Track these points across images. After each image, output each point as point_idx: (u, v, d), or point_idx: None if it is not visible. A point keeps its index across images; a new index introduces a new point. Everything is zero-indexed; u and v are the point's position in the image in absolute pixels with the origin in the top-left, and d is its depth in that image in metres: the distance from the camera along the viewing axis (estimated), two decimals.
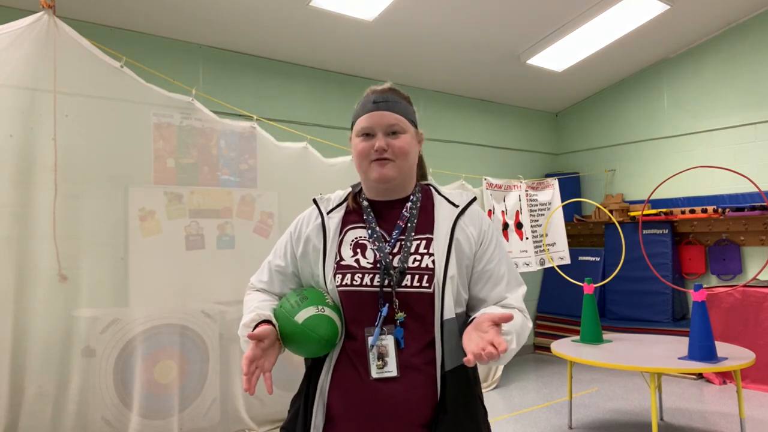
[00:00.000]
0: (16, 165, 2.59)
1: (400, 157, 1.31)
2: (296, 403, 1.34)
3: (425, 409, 1.22)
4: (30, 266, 2.62)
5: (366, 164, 1.32)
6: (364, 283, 1.26)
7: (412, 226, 1.31)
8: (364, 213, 1.35)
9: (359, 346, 1.25)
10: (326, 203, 1.40)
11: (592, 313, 3.81)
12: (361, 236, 1.32)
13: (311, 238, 1.36)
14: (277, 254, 1.42)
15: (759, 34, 5.09)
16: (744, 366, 3.10)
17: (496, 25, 4.67)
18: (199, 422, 3.14)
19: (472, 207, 1.37)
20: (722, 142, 5.35)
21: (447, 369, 1.23)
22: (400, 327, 1.24)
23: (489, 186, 4.97)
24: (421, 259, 1.27)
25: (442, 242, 1.28)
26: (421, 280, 1.25)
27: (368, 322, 1.25)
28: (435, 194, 1.39)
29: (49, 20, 2.65)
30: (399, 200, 1.36)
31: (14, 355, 2.57)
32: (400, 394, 1.21)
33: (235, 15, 3.97)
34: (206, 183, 3.26)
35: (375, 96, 1.35)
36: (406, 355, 1.23)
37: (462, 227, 1.32)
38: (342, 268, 1.29)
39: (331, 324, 1.25)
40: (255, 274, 1.45)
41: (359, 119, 1.35)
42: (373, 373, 1.22)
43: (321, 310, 1.25)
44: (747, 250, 5.18)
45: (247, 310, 1.33)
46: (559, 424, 3.87)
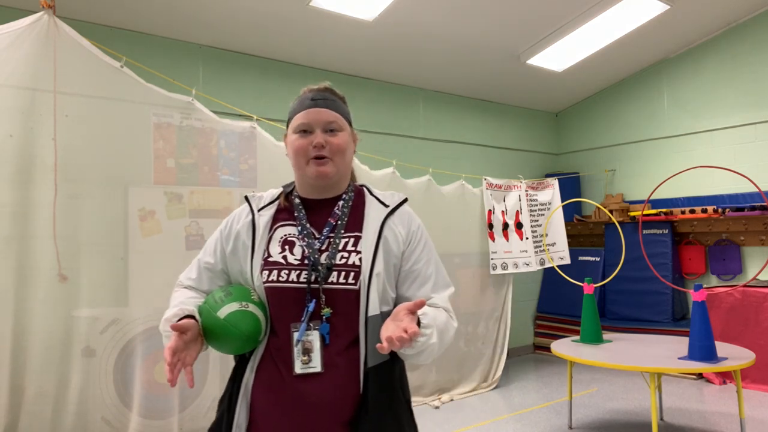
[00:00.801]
0: (16, 165, 2.59)
1: (338, 154, 1.32)
2: (222, 404, 1.33)
3: (347, 408, 1.23)
4: (30, 266, 2.62)
5: (303, 162, 1.32)
6: (291, 279, 1.27)
7: (342, 224, 1.33)
8: (295, 210, 1.36)
9: (283, 343, 1.26)
10: (258, 201, 1.41)
11: (592, 313, 3.81)
12: (290, 233, 1.33)
13: (241, 234, 1.36)
14: (206, 252, 1.42)
15: (759, 34, 5.09)
16: (744, 366, 3.10)
17: (496, 25, 4.67)
18: (199, 422, 3.14)
19: (403, 207, 1.39)
20: (722, 142, 5.35)
21: (369, 366, 1.24)
22: (326, 323, 1.24)
23: (489, 186, 4.97)
24: (348, 256, 1.28)
25: (370, 240, 1.30)
26: (347, 277, 1.26)
27: (294, 318, 1.26)
28: (367, 194, 1.41)
29: (49, 20, 2.65)
30: (331, 199, 1.37)
31: (14, 355, 2.57)
32: (323, 391, 1.22)
33: (235, 15, 3.97)
34: (206, 183, 3.26)
35: (313, 94, 1.35)
36: (330, 351, 1.24)
37: (391, 226, 1.34)
38: (269, 265, 1.30)
39: (253, 320, 1.24)
40: (184, 272, 1.44)
41: (297, 116, 1.34)
42: (297, 369, 1.22)
43: (244, 305, 1.24)
44: (747, 250, 5.18)
45: (171, 306, 1.33)
46: (559, 424, 3.87)
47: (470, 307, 4.78)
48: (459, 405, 4.39)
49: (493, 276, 4.91)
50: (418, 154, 5.36)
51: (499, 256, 4.92)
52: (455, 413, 4.17)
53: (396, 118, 5.32)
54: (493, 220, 4.93)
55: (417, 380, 4.42)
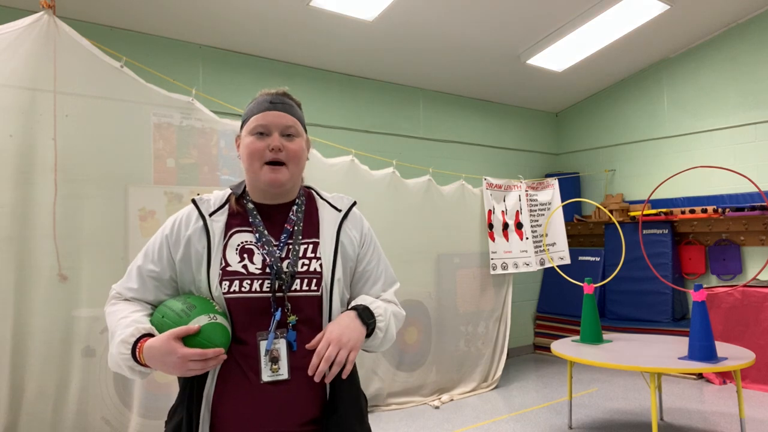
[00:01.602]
0: (16, 165, 2.59)
1: (293, 160, 1.31)
2: (176, 414, 1.29)
3: (314, 407, 1.26)
4: (30, 266, 2.62)
5: (258, 165, 1.29)
6: (254, 289, 1.25)
7: (299, 230, 1.33)
8: (249, 216, 1.33)
9: (249, 351, 1.23)
10: (207, 205, 1.33)
11: (592, 313, 3.82)
12: (247, 240, 1.29)
13: (193, 241, 1.29)
14: (149, 258, 1.31)
15: (759, 34, 5.09)
16: (744, 366, 3.10)
17: (496, 25, 4.67)
18: None
19: (354, 211, 1.42)
20: (722, 142, 5.35)
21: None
22: (292, 330, 1.25)
23: (489, 186, 4.97)
24: (309, 263, 1.29)
25: (329, 246, 1.32)
26: (310, 284, 1.27)
27: (259, 327, 1.24)
28: (318, 198, 1.42)
29: (49, 20, 2.65)
30: (285, 204, 1.36)
31: (14, 355, 2.57)
32: (290, 395, 1.23)
33: (235, 15, 3.97)
34: (206, 183, 3.26)
35: (271, 97, 1.33)
36: (297, 357, 1.24)
37: (346, 231, 1.37)
38: (228, 275, 1.25)
39: (224, 331, 1.21)
40: (119, 282, 1.34)
41: (253, 117, 1.31)
42: (265, 377, 1.22)
43: (213, 318, 1.20)
44: (747, 250, 5.17)
45: (116, 323, 1.23)
46: (559, 424, 3.87)
47: (470, 307, 4.77)
48: (459, 405, 4.39)
49: (493, 276, 4.91)
50: (418, 154, 5.37)
51: (499, 256, 4.92)
52: (455, 413, 4.17)
53: (396, 118, 5.32)
54: (493, 220, 4.93)
55: (417, 380, 4.42)
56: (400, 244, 4.28)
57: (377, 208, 4.11)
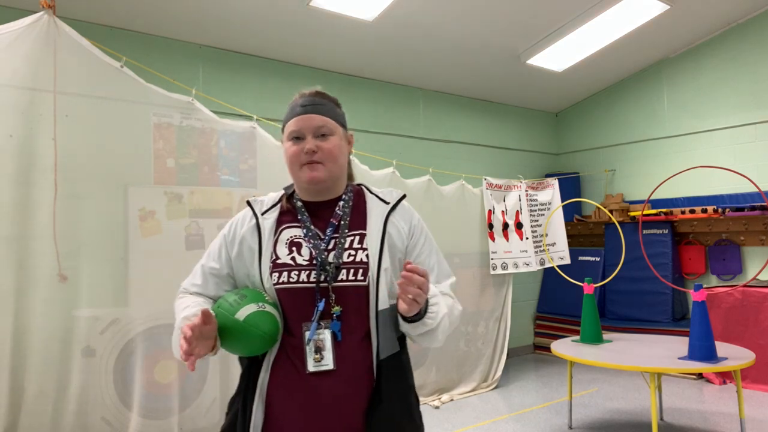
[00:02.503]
0: (16, 165, 2.59)
1: (329, 159, 1.35)
2: (235, 404, 1.35)
3: (362, 399, 1.27)
4: (30, 266, 2.62)
5: (297, 168, 1.35)
6: (301, 279, 1.30)
7: (345, 224, 1.36)
8: (298, 213, 1.39)
9: (297, 342, 1.29)
10: (260, 205, 1.43)
11: (592, 313, 3.81)
12: (296, 235, 1.36)
13: (246, 238, 1.38)
14: (211, 257, 1.42)
15: (759, 34, 5.09)
16: (744, 366, 3.10)
17: (496, 25, 4.67)
18: (199, 422, 3.14)
19: (403, 203, 1.44)
20: (722, 142, 5.35)
21: (382, 358, 1.29)
22: (336, 320, 1.28)
23: (489, 186, 4.97)
24: (355, 253, 1.32)
25: (375, 237, 1.34)
26: (356, 274, 1.30)
27: (306, 317, 1.29)
28: (367, 193, 1.46)
29: (49, 20, 2.65)
30: (331, 200, 1.41)
31: (14, 355, 2.57)
32: (338, 386, 1.25)
33: (235, 15, 3.97)
34: (206, 183, 3.26)
35: (302, 100, 1.38)
36: (343, 347, 1.27)
37: (393, 222, 1.39)
38: (278, 267, 1.32)
39: (272, 320, 1.27)
40: (187, 279, 1.45)
41: (289, 123, 1.37)
42: (310, 367, 1.26)
43: (261, 306, 1.27)
44: (747, 250, 5.17)
45: (180, 312, 1.33)
46: (559, 424, 3.87)
47: (470, 307, 4.77)
48: (459, 405, 4.39)
49: (493, 276, 4.91)
50: (418, 154, 5.36)
51: (499, 256, 4.92)
52: (455, 413, 4.17)
53: (396, 118, 5.32)
54: (493, 220, 4.93)
55: (417, 380, 4.39)
56: None
57: None
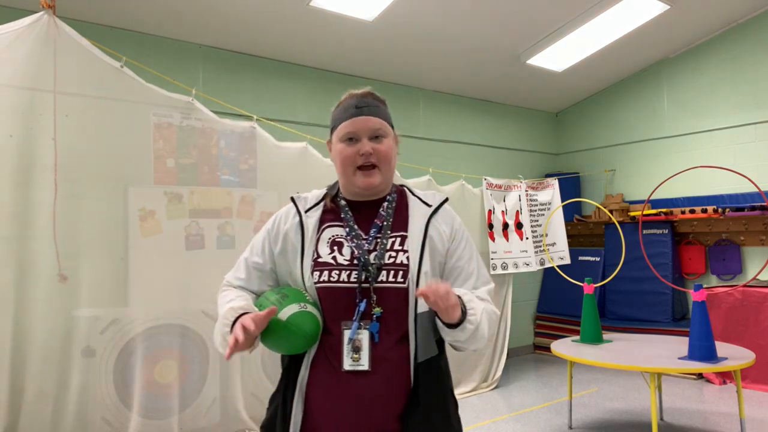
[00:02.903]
0: (16, 165, 2.59)
1: (384, 162, 1.36)
2: (275, 400, 1.38)
3: (398, 401, 1.27)
4: (30, 266, 2.62)
5: (351, 171, 1.35)
6: (342, 279, 1.30)
7: (388, 225, 1.37)
8: (341, 212, 1.39)
9: (336, 341, 1.29)
10: (304, 202, 1.43)
11: (592, 313, 3.81)
12: (338, 234, 1.37)
13: (290, 235, 1.39)
14: (254, 251, 1.43)
15: (759, 34, 5.09)
16: (744, 366, 3.10)
17: (496, 25, 4.67)
18: (199, 422, 3.14)
19: (445, 206, 1.44)
20: (722, 142, 5.35)
21: (420, 361, 1.29)
22: (375, 322, 1.28)
23: (489, 186, 4.97)
24: (396, 255, 1.32)
25: (416, 239, 1.34)
26: (396, 276, 1.30)
27: (345, 317, 1.29)
28: (409, 195, 1.46)
29: (49, 20, 2.65)
30: (376, 200, 1.41)
31: (14, 355, 2.57)
32: (374, 387, 1.26)
33: (235, 15, 3.97)
34: (206, 183, 3.26)
35: (357, 100, 1.38)
36: (380, 348, 1.28)
37: (435, 225, 1.38)
38: (319, 265, 1.33)
39: (314, 320, 1.28)
40: (230, 272, 1.46)
41: (343, 124, 1.36)
42: (346, 365, 1.26)
43: (303, 306, 1.28)
44: (747, 250, 5.17)
45: (224, 304, 1.34)
46: (559, 424, 3.87)
47: None
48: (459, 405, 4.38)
49: (493, 276, 4.90)
50: (418, 154, 5.36)
51: (499, 256, 4.92)
52: None
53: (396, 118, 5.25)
54: (493, 220, 4.93)
55: None
56: None
57: None
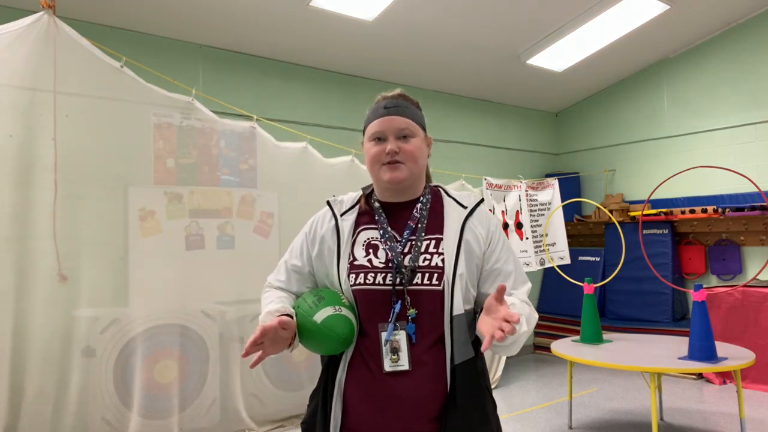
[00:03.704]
0: (16, 165, 2.59)
1: (410, 160, 1.36)
2: (315, 398, 1.39)
3: (436, 403, 1.27)
4: (30, 266, 2.62)
5: (378, 167, 1.37)
6: (377, 282, 1.32)
7: (423, 227, 1.37)
8: (375, 214, 1.41)
9: (372, 343, 1.31)
10: (339, 205, 1.45)
11: (592, 313, 3.81)
12: (373, 237, 1.38)
13: (326, 239, 1.41)
14: (293, 254, 1.47)
15: (759, 34, 5.09)
16: (744, 366, 3.10)
17: (496, 25, 4.67)
18: (199, 422, 3.14)
19: (480, 208, 1.43)
20: (722, 142, 5.35)
21: (456, 363, 1.29)
22: (411, 323, 1.29)
23: (489, 186, 4.97)
24: (431, 258, 1.33)
25: (452, 242, 1.34)
26: (431, 278, 1.31)
27: (380, 319, 1.31)
28: (444, 196, 1.45)
29: (49, 20, 2.66)
30: (409, 202, 1.41)
31: (14, 355, 2.57)
32: (412, 388, 1.27)
33: (235, 15, 3.97)
34: (206, 183, 3.26)
35: (386, 102, 1.40)
36: (417, 350, 1.28)
37: (471, 228, 1.38)
38: (355, 268, 1.35)
39: (348, 323, 1.30)
40: (272, 274, 1.50)
41: (371, 124, 1.40)
42: (386, 367, 1.28)
43: (338, 310, 1.30)
44: (747, 250, 5.17)
45: (266, 306, 1.38)
46: (559, 424, 3.87)
47: None
48: None
49: None
50: None
51: None
52: None
53: None
54: None
55: None
56: None
57: None
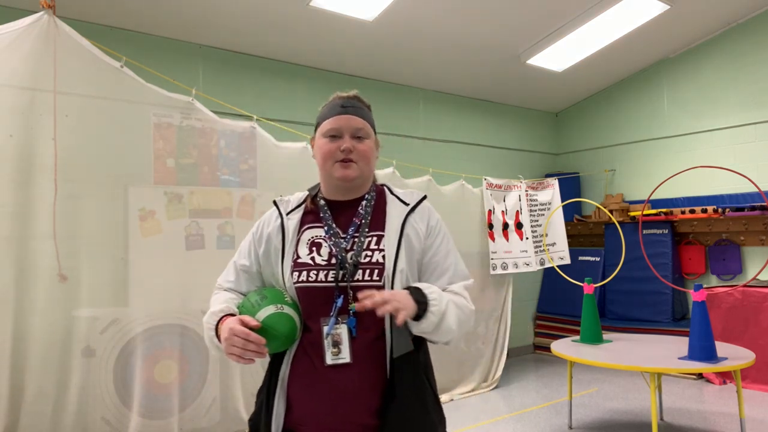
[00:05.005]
0: (16, 165, 2.59)
1: (363, 160, 1.40)
2: (261, 395, 1.42)
3: (376, 395, 1.31)
4: (30, 266, 2.62)
5: (330, 164, 1.40)
6: (319, 279, 1.35)
7: (366, 224, 1.41)
8: (321, 212, 1.44)
9: (315, 338, 1.34)
10: (285, 205, 1.49)
11: (592, 313, 3.81)
12: (317, 235, 1.41)
13: (272, 238, 1.45)
14: (241, 254, 1.49)
15: (759, 34, 5.09)
16: (744, 366, 3.10)
17: (496, 25, 4.67)
18: (199, 422, 3.14)
19: (422, 204, 1.47)
20: (722, 142, 5.35)
21: (395, 356, 1.31)
22: (353, 317, 1.32)
23: (489, 186, 4.97)
24: (372, 254, 1.36)
25: (393, 238, 1.38)
26: (372, 274, 1.34)
27: (324, 314, 1.34)
28: (388, 194, 1.49)
29: (49, 20, 2.65)
30: (355, 200, 1.45)
31: (14, 355, 2.57)
32: (353, 381, 1.30)
33: (235, 15, 3.97)
34: (206, 183, 3.26)
35: (343, 101, 1.43)
36: (358, 343, 1.32)
37: (412, 224, 1.42)
38: (299, 266, 1.38)
39: (290, 321, 1.33)
40: (221, 275, 1.52)
41: (327, 121, 1.42)
42: (328, 360, 1.31)
43: (280, 308, 1.33)
44: (747, 250, 5.17)
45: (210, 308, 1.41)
46: (559, 424, 3.87)
47: None
48: (459, 405, 4.38)
49: (493, 276, 4.90)
50: (418, 154, 5.36)
51: (499, 256, 4.92)
52: (455, 413, 4.17)
53: (396, 118, 5.32)
54: (493, 220, 4.93)
55: None
56: None
57: None
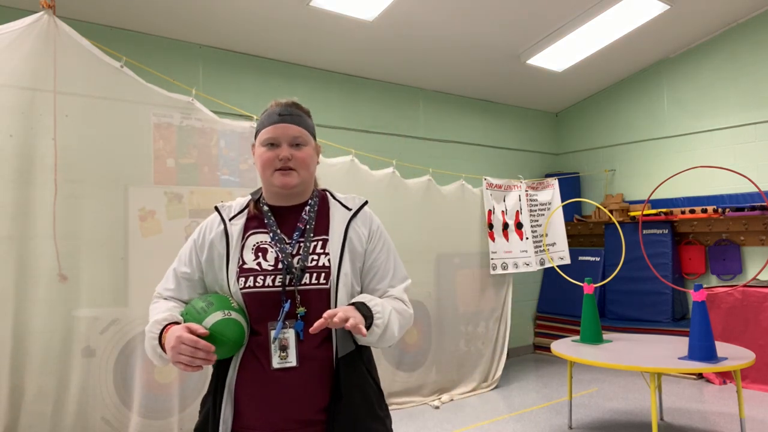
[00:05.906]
0: (16, 165, 2.59)
1: (302, 167, 1.42)
2: (207, 402, 1.41)
3: (323, 395, 1.34)
4: (30, 266, 2.62)
5: (269, 172, 1.41)
6: (266, 284, 1.36)
7: (311, 228, 1.43)
8: (265, 218, 1.45)
9: (263, 341, 1.35)
10: (228, 210, 1.48)
11: (592, 313, 3.81)
12: (262, 240, 1.42)
13: (215, 244, 1.44)
14: (181, 261, 1.48)
15: (759, 34, 5.09)
16: (744, 366, 3.10)
17: (496, 25, 4.67)
18: None
19: (364, 209, 1.51)
20: (722, 142, 5.35)
21: (340, 355, 1.35)
22: (300, 321, 1.34)
23: (489, 186, 4.97)
24: (318, 258, 1.39)
25: (337, 242, 1.41)
26: (319, 278, 1.37)
27: (271, 319, 1.35)
28: (331, 199, 1.52)
29: (49, 20, 2.65)
30: (298, 205, 1.47)
31: (14, 355, 2.57)
32: (300, 383, 1.32)
33: (235, 15, 3.97)
34: (206, 183, 3.26)
35: (280, 109, 1.44)
36: (305, 346, 1.34)
37: (354, 228, 1.45)
38: (245, 272, 1.38)
39: (238, 327, 1.33)
40: (160, 284, 1.50)
41: (265, 130, 1.43)
42: (274, 364, 1.32)
43: (227, 314, 1.32)
44: (747, 250, 5.17)
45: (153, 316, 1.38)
46: (559, 424, 3.87)
47: (470, 307, 4.77)
48: (459, 405, 4.39)
49: (493, 276, 4.91)
50: (418, 154, 5.36)
51: (499, 256, 4.92)
52: (455, 413, 4.17)
53: (396, 118, 5.32)
54: (493, 220, 4.93)
55: (417, 380, 4.42)
56: (400, 244, 4.23)
57: (377, 208, 4.06)
